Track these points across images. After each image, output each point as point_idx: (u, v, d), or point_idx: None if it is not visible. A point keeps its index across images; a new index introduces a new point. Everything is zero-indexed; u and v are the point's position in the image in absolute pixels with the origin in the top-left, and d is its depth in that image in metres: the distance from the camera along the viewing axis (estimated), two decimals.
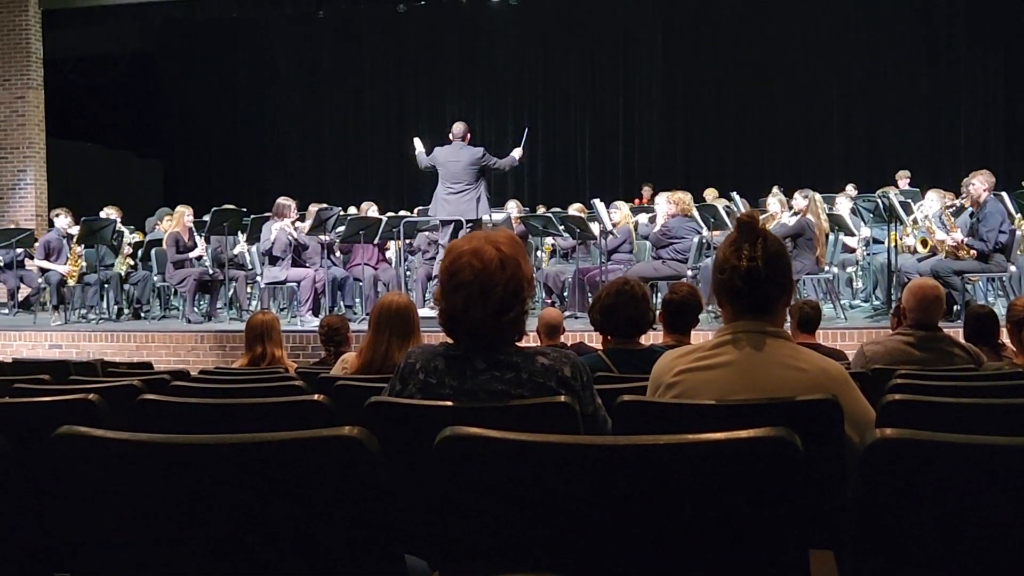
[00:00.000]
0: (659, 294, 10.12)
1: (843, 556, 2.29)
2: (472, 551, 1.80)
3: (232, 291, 11.93)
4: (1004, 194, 10.59)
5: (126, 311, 12.61)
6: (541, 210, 14.33)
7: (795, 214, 10.66)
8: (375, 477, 1.69)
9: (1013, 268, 9.67)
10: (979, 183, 9.42)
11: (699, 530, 1.68)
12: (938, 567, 1.69)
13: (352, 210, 13.00)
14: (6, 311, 13.46)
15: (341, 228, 11.46)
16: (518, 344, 2.60)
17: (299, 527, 1.73)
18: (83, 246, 11.99)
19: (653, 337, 5.82)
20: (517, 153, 11.06)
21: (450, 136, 10.81)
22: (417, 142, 11.03)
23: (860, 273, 12.38)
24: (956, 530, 1.67)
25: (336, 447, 1.68)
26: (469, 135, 10.79)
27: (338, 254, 12.00)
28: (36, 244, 12.58)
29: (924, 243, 9.96)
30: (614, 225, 11.31)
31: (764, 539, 1.68)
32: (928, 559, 1.69)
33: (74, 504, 1.80)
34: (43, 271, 12.15)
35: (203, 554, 1.76)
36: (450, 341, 2.61)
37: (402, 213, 12.94)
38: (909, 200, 11.10)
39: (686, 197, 10.90)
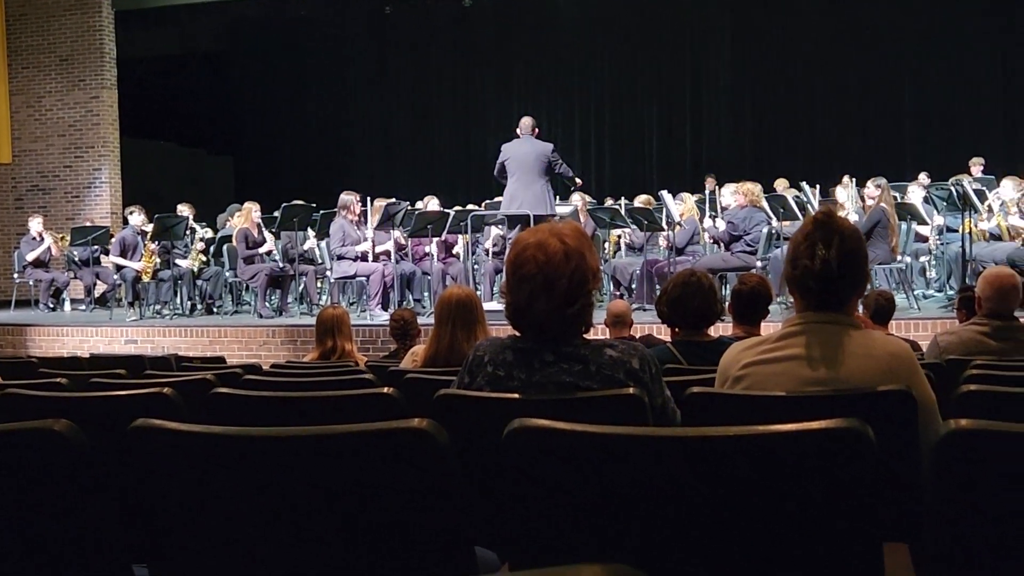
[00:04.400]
0: (728, 285, 10.04)
1: (917, 549, 2.26)
2: (541, 543, 1.80)
3: (302, 286, 12.06)
4: None
5: (199, 307, 12.81)
6: (609, 202, 14.28)
7: (865, 207, 10.52)
8: (444, 469, 1.69)
9: None
10: None
11: (770, 522, 1.67)
12: (1013, 559, 1.66)
13: (419, 205, 13.08)
14: (83, 307, 13.77)
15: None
16: (586, 336, 2.60)
17: (369, 519, 1.75)
18: (157, 243, 12.20)
19: (722, 329, 5.79)
20: (578, 180, 11.25)
21: (518, 131, 10.81)
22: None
23: (934, 263, 12.17)
24: None
25: (405, 439, 1.69)
26: (537, 130, 10.78)
27: (431, 249, 11.99)
28: (111, 241, 12.82)
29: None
30: (680, 216, 11.25)
31: (837, 532, 1.66)
32: (1004, 552, 1.66)
33: (149, 495, 1.84)
34: (118, 268, 12.39)
35: (273, 545, 1.78)
36: (517, 334, 2.61)
37: (469, 207, 12.97)
38: (984, 188, 10.90)
39: (755, 188, 10.81)
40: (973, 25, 18.58)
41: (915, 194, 11.85)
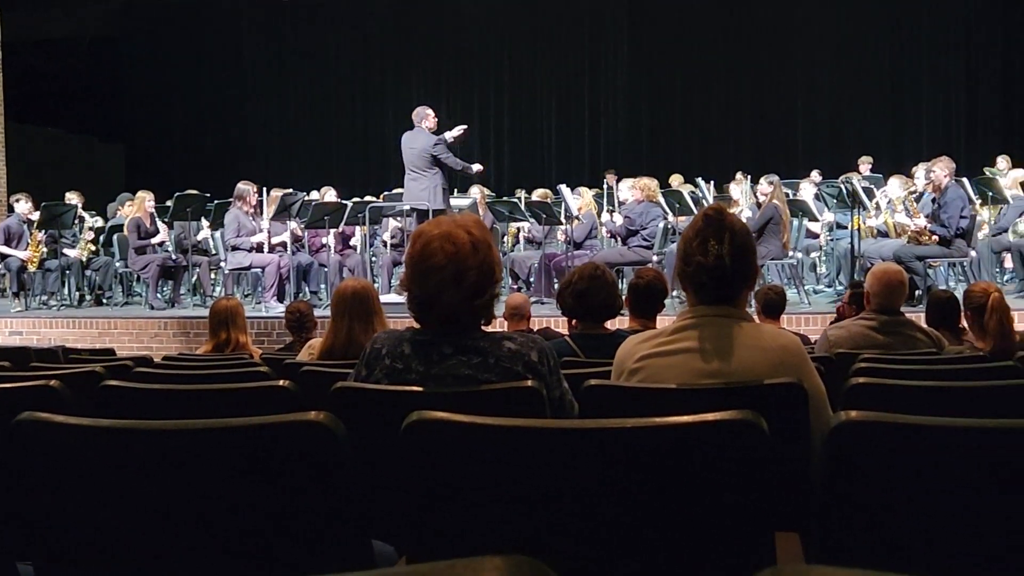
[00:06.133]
0: (625, 279, 10.15)
1: (808, 537, 2.30)
2: (440, 536, 1.80)
3: (196, 277, 11.84)
4: (965, 180, 10.72)
5: (88, 297, 12.51)
6: (520, 194, 14.29)
7: (759, 204, 10.73)
8: (341, 463, 1.68)
9: (973, 253, 9.79)
10: (940, 170, 9.51)
11: (666, 512, 1.69)
12: (901, 546, 1.70)
13: (314, 195, 12.95)
14: None
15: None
16: (485, 329, 2.60)
17: (264, 513, 1.72)
18: (44, 231, 11.87)
19: (619, 322, 5.85)
20: (476, 166, 11.12)
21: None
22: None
23: (824, 258, 12.47)
24: (918, 509, 1.68)
25: (302, 432, 1.67)
26: (428, 120, 10.76)
27: (328, 241, 11.83)
28: None
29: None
30: (578, 210, 11.34)
31: (730, 521, 1.69)
32: (892, 538, 1.70)
33: (36, 491, 1.78)
34: (3, 257, 12.00)
35: (167, 540, 1.75)
36: (416, 326, 2.60)
37: (368, 199, 12.88)
38: (872, 186, 11.21)
39: (652, 183, 10.95)
40: (862, 28, 19.12)
41: (806, 191, 12.12)
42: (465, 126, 11.15)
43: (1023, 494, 1.63)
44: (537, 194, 12.89)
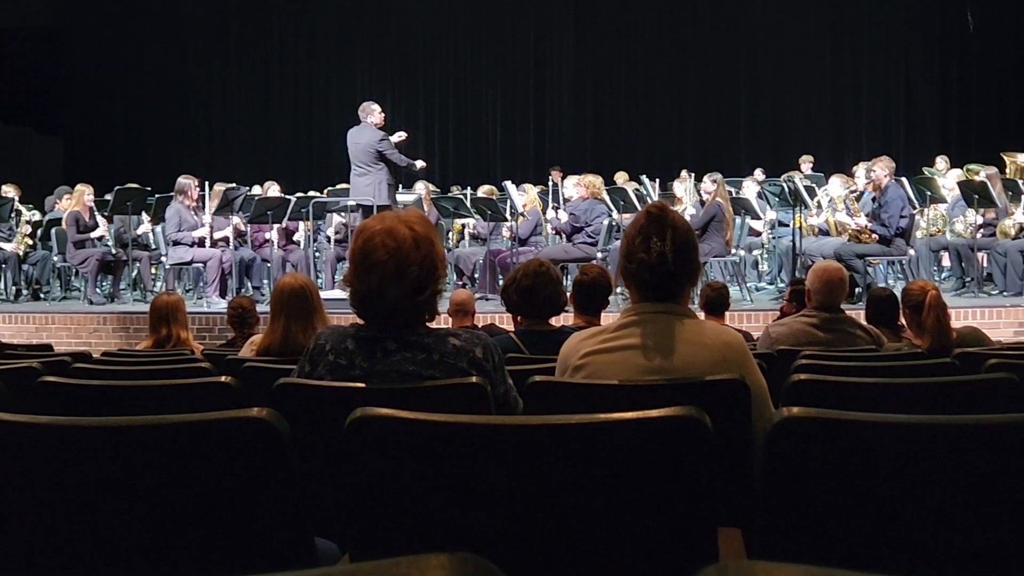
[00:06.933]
0: (569, 276, 10.18)
1: (750, 533, 2.32)
2: (384, 533, 1.79)
3: (136, 272, 11.69)
4: (904, 180, 10.88)
5: (24, 292, 12.30)
6: (455, 190, 14.28)
7: (702, 201, 10.82)
8: (284, 459, 1.66)
9: (912, 252, 9.95)
10: (880, 169, 9.65)
11: (610, 508, 1.69)
12: (842, 541, 1.72)
13: (257, 190, 12.84)
14: None
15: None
16: (429, 325, 2.59)
17: (206, 511, 1.70)
18: None
19: (563, 318, 5.86)
20: (420, 163, 11.10)
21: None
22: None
23: (766, 256, 12.60)
24: (859, 505, 1.70)
25: (244, 429, 1.65)
26: (374, 116, 10.70)
27: (272, 236, 11.73)
28: None
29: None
30: (523, 206, 11.36)
31: (674, 517, 1.70)
32: (833, 534, 1.72)
33: None
34: None
35: (106, 538, 1.72)
36: (360, 322, 2.59)
37: (312, 194, 12.80)
38: (813, 184, 11.34)
39: (596, 180, 10.99)
40: (804, 29, 19.33)
41: (749, 189, 12.24)
42: (405, 134, 11.16)
43: (961, 489, 1.65)
44: (482, 191, 12.89)
